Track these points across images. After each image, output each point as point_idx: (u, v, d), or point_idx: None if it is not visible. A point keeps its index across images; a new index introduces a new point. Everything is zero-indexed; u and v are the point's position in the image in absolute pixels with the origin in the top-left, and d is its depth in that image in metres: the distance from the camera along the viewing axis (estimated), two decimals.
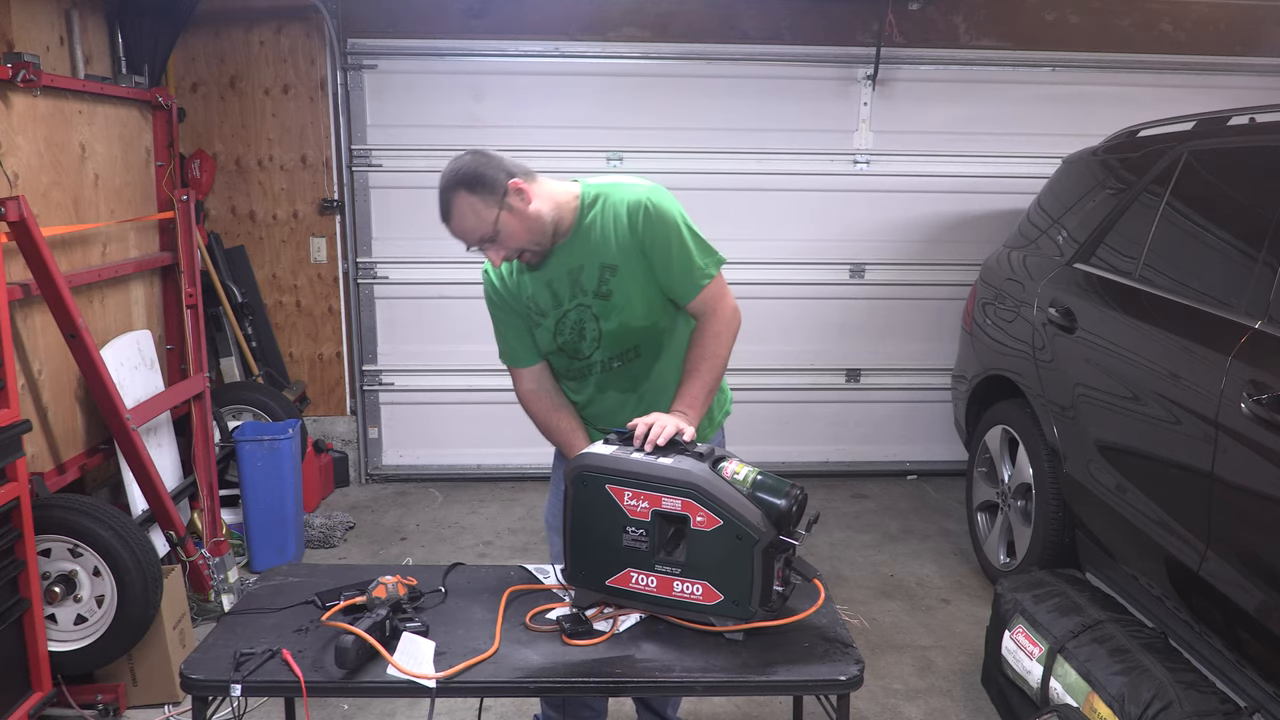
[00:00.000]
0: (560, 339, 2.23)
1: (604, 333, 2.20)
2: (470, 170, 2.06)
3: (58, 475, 3.23)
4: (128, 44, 4.04)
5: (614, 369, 2.25)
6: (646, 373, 2.27)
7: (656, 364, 2.27)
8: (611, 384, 2.28)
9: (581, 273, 2.17)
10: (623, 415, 2.24)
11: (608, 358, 2.24)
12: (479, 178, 2.05)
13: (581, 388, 2.31)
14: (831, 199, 5.10)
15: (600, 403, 2.31)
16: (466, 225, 2.07)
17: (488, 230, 2.07)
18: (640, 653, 1.84)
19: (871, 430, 5.38)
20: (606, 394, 2.29)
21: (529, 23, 4.83)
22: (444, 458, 5.24)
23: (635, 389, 2.28)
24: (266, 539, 4.05)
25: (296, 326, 5.04)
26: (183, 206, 3.98)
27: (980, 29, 5.00)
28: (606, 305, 2.18)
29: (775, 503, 1.83)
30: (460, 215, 2.06)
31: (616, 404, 2.29)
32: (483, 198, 2.05)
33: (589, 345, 2.23)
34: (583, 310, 2.20)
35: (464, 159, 2.09)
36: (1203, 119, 3.22)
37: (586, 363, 2.26)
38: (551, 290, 2.20)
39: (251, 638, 1.85)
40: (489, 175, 2.06)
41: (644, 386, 2.28)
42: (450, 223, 2.08)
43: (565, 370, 2.30)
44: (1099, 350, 3.14)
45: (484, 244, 2.09)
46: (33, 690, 2.82)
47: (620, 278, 2.15)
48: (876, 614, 3.74)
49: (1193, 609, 2.66)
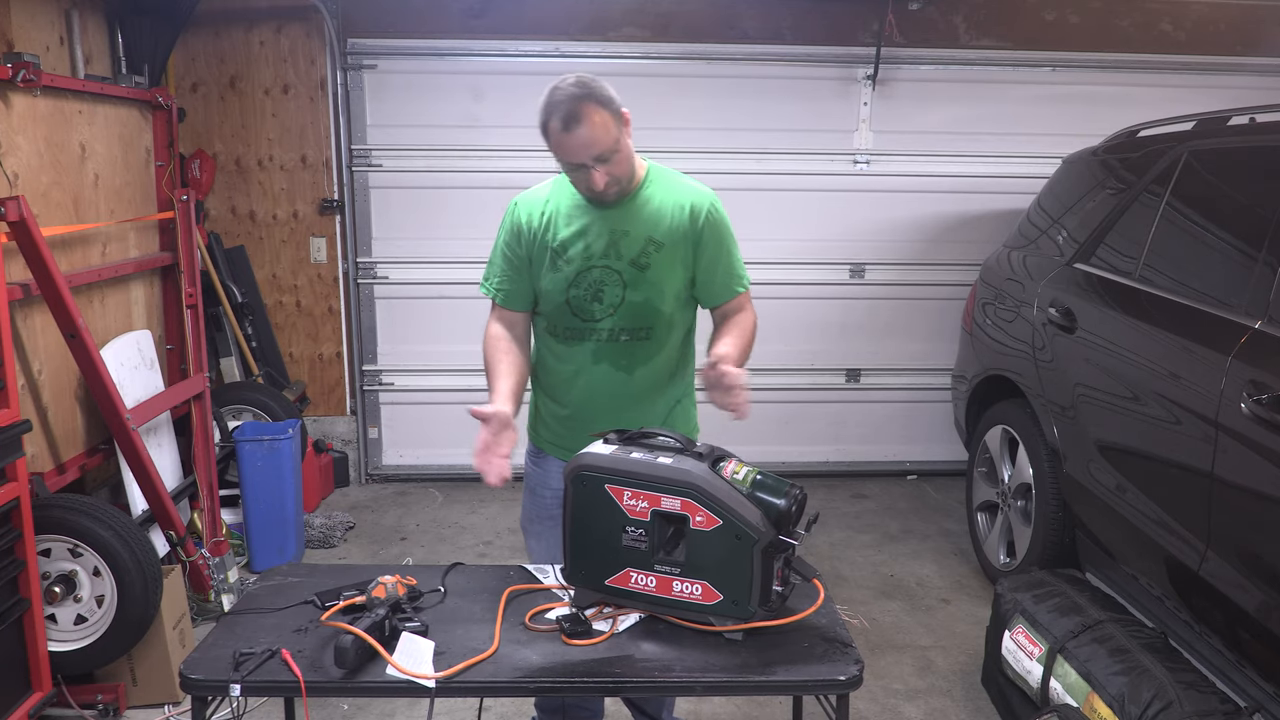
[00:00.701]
0: (573, 292, 2.21)
1: (626, 301, 2.20)
2: (599, 86, 2.06)
3: (58, 475, 3.23)
4: (128, 44, 4.04)
5: (620, 342, 2.23)
6: (647, 358, 2.27)
7: (659, 354, 2.27)
8: (609, 357, 2.25)
9: (625, 238, 2.19)
10: (607, 395, 2.25)
11: (618, 328, 2.22)
12: (609, 96, 2.06)
13: (573, 354, 2.25)
14: (831, 199, 5.10)
15: (589, 375, 2.26)
16: (597, 135, 2.04)
17: (611, 144, 2.07)
18: (640, 652, 1.84)
19: (871, 430, 5.38)
20: (600, 366, 2.25)
21: (529, 23, 4.84)
22: (444, 458, 5.24)
23: (631, 371, 2.26)
24: (266, 539, 4.05)
25: (296, 326, 5.04)
26: (183, 206, 3.98)
27: (980, 29, 5.01)
28: (641, 276, 2.19)
29: (775, 502, 1.83)
30: (591, 124, 2.03)
31: (605, 379, 2.25)
32: (612, 115, 2.06)
33: (602, 310, 2.21)
34: (608, 273, 2.19)
35: (580, 78, 2.07)
36: (1203, 119, 3.21)
37: (591, 326, 2.23)
38: (585, 242, 2.19)
39: (251, 638, 1.85)
40: (614, 97, 2.08)
41: (639, 371, 2.27)
42: (578, 129, 2.02)
43: (562, 330, 2.26)
44: (1099, 350, 3.13)
45: (600, 159, 2.07)
46: (33, 690, 2.82)
47: (663, 255, 2.20)
48: (876, 614, 3.74)
49: (1193, 609, 2.66)
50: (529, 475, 2.48)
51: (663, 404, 2.32)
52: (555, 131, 2.06)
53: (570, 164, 2.11)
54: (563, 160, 2.12)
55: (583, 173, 2.10)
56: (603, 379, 2.26)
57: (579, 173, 2.12)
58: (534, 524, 2.49)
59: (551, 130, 2.06)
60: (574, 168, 2.11)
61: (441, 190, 4.91)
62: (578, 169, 2.11)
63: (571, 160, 2.09)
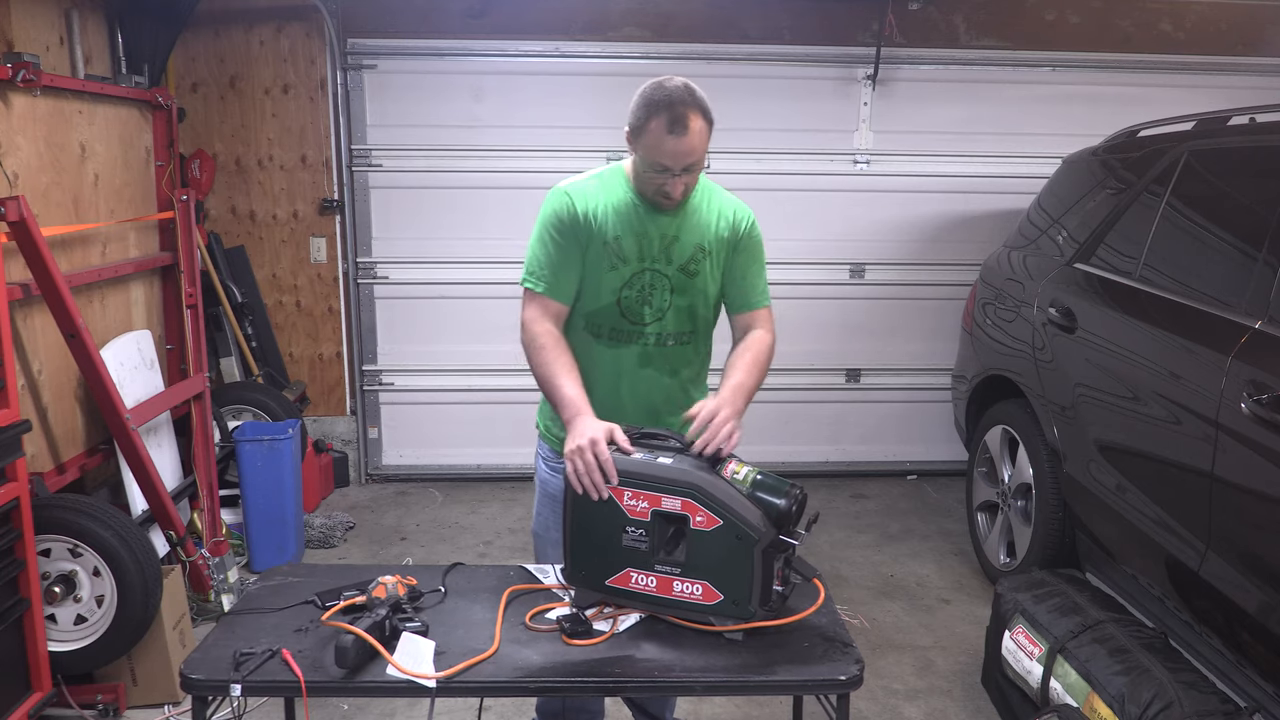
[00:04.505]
0: (626, 293, 2.20)
1: (674, 306, 2.22)
2: (704, 99, 2.07)
3: (58, 475, 3.23)
4: (128, 44, 4.04)
5: (667, 346, 2.25)
6: (688, 362, 2.30)
7: (696, 357, 2.32)
8: (654, 361, 2.25)
9: (675, 243, 2.20)
10: (649, 398, 2.25)
11: (664, 333, 2.24)
12: (710, 110, 2.08)
13: (618, 357, 2.23)
14: (831, 199, 5.10)
15: (634, 378, 2.24)
16: (695, 144, 2.05)
17: (701, 157, 2.09)
18: (640, 653, 1.84)
19: (871, 430, 5.38)
20: (646, 370, 2.25)
21: (529, 23, 4.83)
22: (444, 458, 5.24)
23: (676, 374, 2.28)
24: (266, 539, 4.05)
25: (296, 326, 5.04)
26: (183, 206, 3.98)
27: (980, 29, 5.01)
28: (688, 282, 2.22)
29: (775, 503, 1.83)
30: (694, 134, 2.04)
31: (650, 383, 2.25)
32: (710, 127, 2.08)
33: (651, 314, 2.22)
34: (657, 277, 2.20)
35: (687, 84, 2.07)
36: (1203, 119, 3.21)
37: (640, 329, 2.23)
38: (639, 244, 2.19)
39: (251, 638, 1.85)
40: (713, 114, 2.09)
41: (684, 373, 2.30)
42: (685, 136, 2.02)
43: (608, 331, 2.23)
44: (1099, 350, 3.13)
45: (688, 169, 2.08)
46: (33, 690, 2.82)
47: (708, 263, 2.23)
48: (876, 614, 3.74)
49: (1193, 609, 2.66)
50: (547, 483, 2.38)
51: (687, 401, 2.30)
52: (657, 131, 2.03)
53: (657, 165, 2.07)
54: (651, 160, 2.08)
55: (665, 176, 2.08)
56: (648, 383, 2.26)
57: (661, 176, 2.09)
58: (554, 532, 2.43)
59: (653, 128, 2.03)
60: (659, 170, 2.08)
61: (441, 190, 4.91)
62: (662, 172, 2.08)
63: (663, 163, 2.06)
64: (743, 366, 2.20)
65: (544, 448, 2.40)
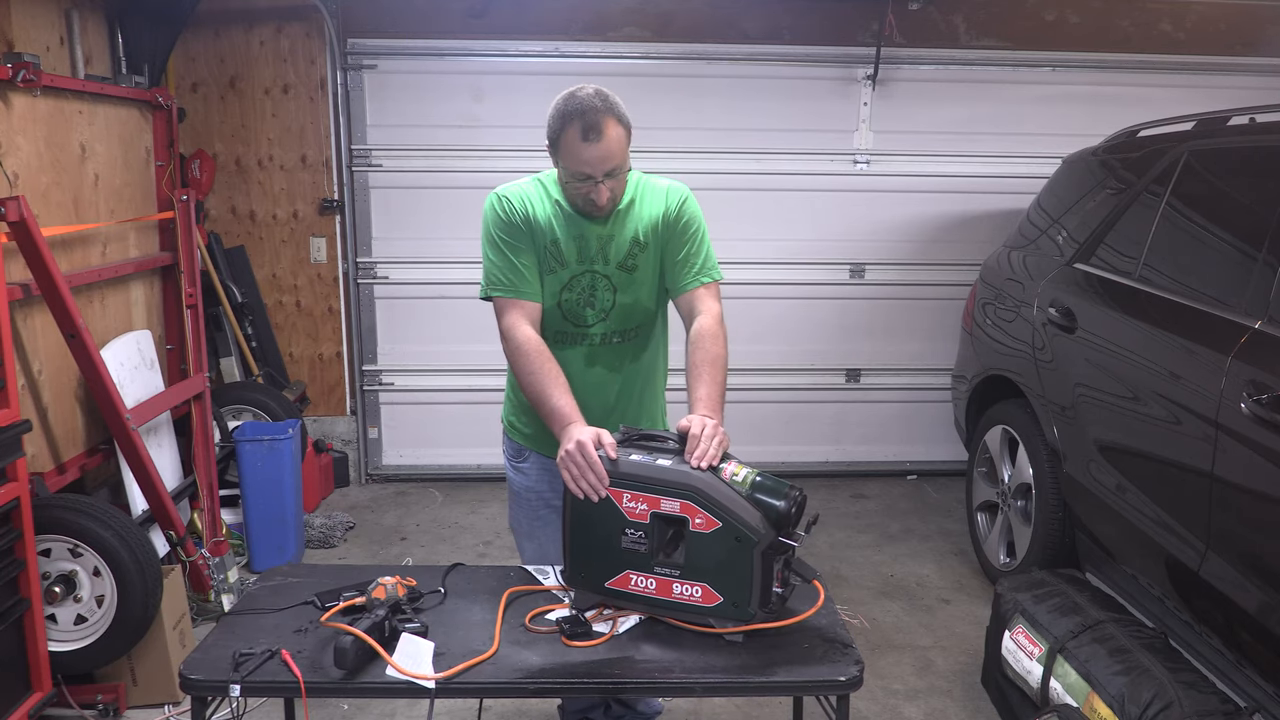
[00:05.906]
0: (566, 295, 2.21)
1: (617, 304, 2.22)
2: (619, 104, 2.08)
3: (58, 475, 3.23)
4: (128, 44, 4.04)
5: (612, 344, 2.26)
6: (637, 355, 2.30)
7: (646, 350, 2.31)
8: (601, 359, 2.27)
9: (611, 242, 2.19)
10: (598, 396, 2.25)
11: (609, 331, 2.25)
12: (625, 112, 2.09)
13: (564, 358, 2.22)
14: (831, 199, 5.10)
15: (582, 378, 2.25)
16: (613, 149, 2.05)
17: (621, 161, 2.09)
18: (640, 654, 1.84)
19: (871, 430, 5.38)
20: (593, 369, 2.27)
21: (529, 23, 4.83)
22: (444, 458, 5.24)
23: (621, 369, 2.29)
24: (266, 539, 4.05)
25: (296, 326, 5.04)
26: (183, 206, 3.98)
27: (980, 29, 5.00)
28: (629, 279, 2.21)
29: (774, 504, 1.83)
30: (610, 139, 2.04)
31: (597, 381, 2.27)
32: (627, 132, 2.08)
33: (594, 315, 2.23)
34: (596, 278, 2.20)
35: (599, 90, 2.08)
36: (1203, 119, 3.21)
37: (584, 331, 2.24)
38: (578, 246, 2.19)
39: (251, 638, 1.85)
40: (628, 114, 2.09)
41: (629, 369, 2.30)
42: (600, 143, 2.03)
43: (554, 334, 2.24)
44: (1099, 350, 3.13)
45: (610, 174, 2.08)
46: (33, 690, 2.82)
47: (646, 255, 2.22)
48: (876, 614, 3.74)
49: (1193, 609, 2.66)
50: (511, 480, 2.47)
51: (643, 391, 2.35)
52: (572, 140, 2.03)
53: (579, 174, 2.07)
54: (571, 170, 2.08)
55: (588, 184, 2.08)
56: (595, 381, 2.28)
57: (585, 184, 2.09)
58: (523, 524, 2.48)
59: (568, 138, 2.04)
60: (580, 179, 2.08)
61: (441, 190, 4.90)
62: (584, 180, 2.08)
63: (582, 171, 2.06)
64: (706, 378, 2.11)
65: (508, 444, 2.45)
